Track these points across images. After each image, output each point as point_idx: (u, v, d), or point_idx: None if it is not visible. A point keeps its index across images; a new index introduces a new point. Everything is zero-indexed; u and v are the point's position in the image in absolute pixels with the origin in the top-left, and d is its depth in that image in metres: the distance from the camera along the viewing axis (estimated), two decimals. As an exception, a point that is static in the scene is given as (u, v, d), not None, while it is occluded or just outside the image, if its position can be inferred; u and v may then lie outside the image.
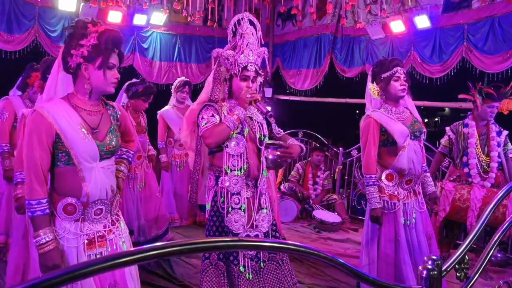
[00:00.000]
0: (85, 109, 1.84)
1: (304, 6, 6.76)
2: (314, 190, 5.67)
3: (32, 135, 1.74)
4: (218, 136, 2.26)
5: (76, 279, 0.73)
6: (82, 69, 1.79)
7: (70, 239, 1.80)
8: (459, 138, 3.67)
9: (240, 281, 2.26)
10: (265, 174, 2.43)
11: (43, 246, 1.72)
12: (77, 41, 1.77)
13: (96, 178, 1.81)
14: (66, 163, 1.80)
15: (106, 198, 1.88)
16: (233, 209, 2.31)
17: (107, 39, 1.77)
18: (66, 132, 1.75)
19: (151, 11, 6.16)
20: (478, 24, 4.89)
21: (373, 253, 2.81)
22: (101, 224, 1.88)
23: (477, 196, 3.46)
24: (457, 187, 3.60)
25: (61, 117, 1.76)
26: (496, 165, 3.56)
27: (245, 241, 0.95)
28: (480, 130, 3.63)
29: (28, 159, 1.74)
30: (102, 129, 1.88)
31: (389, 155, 2.78)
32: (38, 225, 1.73)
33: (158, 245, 0.84)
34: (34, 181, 1.73)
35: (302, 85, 6.88)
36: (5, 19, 5.35)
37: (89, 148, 1.79)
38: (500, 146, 3.61)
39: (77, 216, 1.82)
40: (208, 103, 2.38)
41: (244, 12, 2.48)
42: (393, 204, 2.74)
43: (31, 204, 1.73)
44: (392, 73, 2.74)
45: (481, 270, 1.18)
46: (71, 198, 1.80)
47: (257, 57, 2.38)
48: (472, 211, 3.45)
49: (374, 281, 1.05)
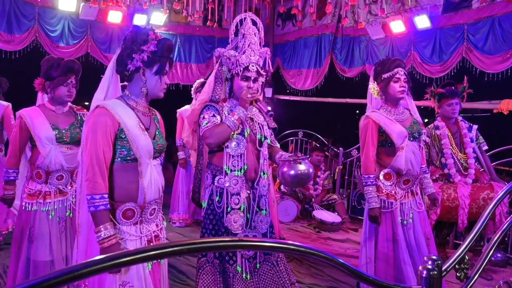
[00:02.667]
0: (139, 110, 1.92)
1: (304, 6, 6.76)
2: (314, 190, 5.67)
3: (97, 130, 1.78)
4: (219, 136, 2.27)
5: (76, 279, 0.73)
6: (140, 73, 1.87)
7: (132, 241, 1.83)
8: (433, 141, 3.75)
9: (235, 281, 2.26)
10: (265, 175, 2.42)
11: (105, 241, 1.73)
12: (139, 46, 1.85)
13: (151, 175, 1.87)
14: (123, 159, 1.84)
15: (158, 197, 1.94)
16: (233, 209, 2.31)
17: (165, 47, 1.87)
18: (129, 126, 1.82)
19: (151, 11, 6.17)
20: (478, 24, 4.89)
21: (370, 252, 2.82)
22: (154, 223, 1.94)
23: (464, 194, 3.53)
24: (443, 187, 3.64)
25: (123, 113, 1.84)
26: (473, 161, 3.64)
27: (245, 241, 0.95)
28: (452, 128, 3.73)
29: (92, 152, 1.77)
30: (152, 130, 1.96)
31: (387, 155, 2.79)
32: (99, 220, 1.75)
33: (158, 245, 0.84)
34: (98, 175, 1.76)
35: (303, 85, 6.88)
36: (5, 19, 5.35)
37: (148, 143, 1.85)
38: (473, 141, 3.68)
39: (136, 219, 1.86)
40: (209, 103, 2.39)
41: (246, 12, 2.49)
42: (390, 203, 2.75)
43: (94, 199, 1.74)
44: (392, 74, 2.74)
45: (481, 270, 1.18)
46: (129, 203, 1.84)
47: (259, 57, 2.38)
48: (462, 209, 3.51)
49: (374, 281, 1.05)
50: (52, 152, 2.66)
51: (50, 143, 2.66)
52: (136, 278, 1.79)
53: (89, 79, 3.18)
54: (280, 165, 2.35)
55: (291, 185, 2.44)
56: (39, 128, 2.64)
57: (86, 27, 5.98)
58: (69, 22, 5.85)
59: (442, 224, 3.81)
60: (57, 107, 2.75)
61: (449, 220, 3.67)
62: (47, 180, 2.70)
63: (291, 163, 2.28)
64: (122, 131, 1.81)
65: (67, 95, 2.71)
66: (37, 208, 2.67)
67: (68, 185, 2.77)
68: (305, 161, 2.30)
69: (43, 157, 2.66)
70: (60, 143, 2.69)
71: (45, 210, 2.68)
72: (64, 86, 2.69)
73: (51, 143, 2.66)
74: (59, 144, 2.69)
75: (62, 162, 2.69)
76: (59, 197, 2.73)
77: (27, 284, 0.68)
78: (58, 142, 2.68)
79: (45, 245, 2.66)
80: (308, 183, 3.57)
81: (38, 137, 2.64)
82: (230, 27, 2.45)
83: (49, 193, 2.70)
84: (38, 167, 2.69)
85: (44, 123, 2.67)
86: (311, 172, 2.31)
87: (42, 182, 2.70)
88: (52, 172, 2.70)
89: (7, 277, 2.82)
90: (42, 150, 2.64)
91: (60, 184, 2.73)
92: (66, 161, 2.71)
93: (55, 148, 2.67)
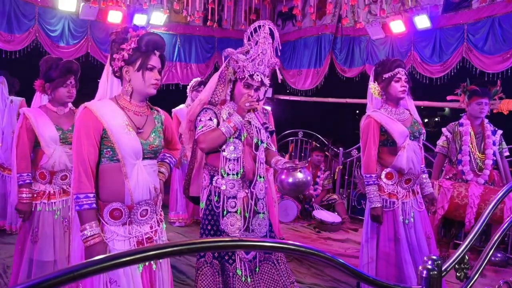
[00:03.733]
0: (131, 109, 1.91)
1: (304, 6, 6.76)
2: (314, 190, 5.67)
3: (81, 130, 1.80)
4: (213, 142, 2.27)
5: (76, 279, 0.73)
6: (123, 72, 1.87)
7: (119, 241, 1.83)
8: (455, 137, 3.73)
9: (235, 280, 2.26)
10: (262, 179, 2.41)
11: (89, 239, 1.74)
12: (118, 45, 1.86)
13: (138, 176, 1.85)
14: (110, 159, 1.83)
15: (150, 198, 1.91)
16: (229, 212, 2.30)
17: (147, 42, 1.84)
18: (112, 126, 1.81)
19: (151, 11, 6.17)
20: (478, 24, 4.90)
21: (372, 252, 2.82)
22: (147, 225, 1.92)
23: (475, 193, 3.50)
24: (455, 184, 3.63)
25: (107, 113, 1.83)
26: (490, 162, 3.61)
27: (245, 241, 0.95)
28: (476, 129, 3.70)
29: (77, 153, 1.79)
30: (146, 130, 1.93)
31: (389, 155, 2.79)
32: (84, 218, 1.76)
33: (158, 245, 0.84)
34: (83, 174, 1.77)
35: (303, 85, 6.88)
36: (5, 19, 5.35)
37: (133, 144, 1.84)
38: (496, 145, 3.66)
39: (124, 219, 1.85)
40: (208, 106, 2.38)
41: (266, 20, 2.44)
42: (391, 202, 2.76)
43: (79, 198, 1.76)
44: (393, 74, 2.75)
45: (481, 270, 1.18)
46: (116, 203, 1.83)
47: (267, 67, 2.35)
48: (470, 208, 3.48)
49: (374, 281, 1.05)
50: (57, 152, 2.66)
51: (55, 143, 2.66)
52: (123, 277, 1.78)
53: (89, 79, 3.17)
54: (279, 172, 2.36)
55: (289, 193, 2.45)
56: (44, 128, 2.64)
57: (86, 27, 5.98)
58: (69, 22, 5.85)
59: (451, 224, 3.81)
60: (58, 108, 2.75)
61: (455, 218, 3.67)
62: (51, 180, 2.70)
63: (289, 171, 2.29)
64: (106, 132, 1.81)
65: (67, 96, 2.71)
66: (41, 208, 2.67)
67: None
68: (303, 169, 2.31)
69: (47, 157, 2.65)
70: (64, 143, 2.69)
71: (49, 210, 2.68)
72: (64, 87, 2.69)
73: (55, 143, 2.66)
74: (63, 145, 2.69)
75: (66, 162, 2.69)
76: (63, 196, 2.74)
77: (27, 284, 0.68)
78: (62, 143, 2.69)
79: (48, 245, 2.66)
80: (306, 191, 3.58)
81: (42, 137, 2.63)
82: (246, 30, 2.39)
83: (54, 193, 2.71)
84: (41, 167, 2.68)
85: (48, 123, 2.67)
86: (309, 180, 2.34)
87: (46, 183, 2.70)
88: (56, 172, 2.70)
89: (11, 276, 2.82)
90: (46, 150, 2.64)
91: (64, 184, 2.73)
92: (70, 161, 2.71)
93: (59, 149, 2.67)
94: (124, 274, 1.79)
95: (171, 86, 6.74)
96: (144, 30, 1.88)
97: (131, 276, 1.80)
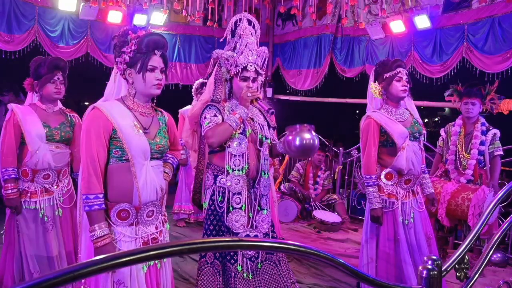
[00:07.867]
0: (137, 110, 1.92)
1: (304, 6, 6.76)
2: (314, 190, 5.68)
3: (91, 130, 1.80)
4: (221, 135, 2.26)
5: (76, 279, 0.73)
6: (127, 75, 1.89)
7: (126, 242, 1.83)
8: (448, 137, 3.86)
9: (236, 280, 2.26)
10: (266, 175, 2.43)
11: (99, 240, 1.75)
12: (119, 49, 1.87)
13: (146, 176, 1.85)
14: (119, 158, 1.84)
15: (156, 199, 1.92)
16: (234, 208, 2.31)
17: (147, 43, 1.84)
18: (122, 126, 1.82)
19: (151, 11, 6.16)
20: (478, 24, 4.90)
21: (372, 252, 2.82)
22: (153, 225, 1.93)
23: (447, 190, 3.62)
24: (435, 181, 3.70)
25: (117, 113, 1.84)
26: (473, 162, 3.67)
27: (245, 241, 0.95)
28: (468, 128, 3.77)
29: (86, 153, 1.79)
30: (152, 130, 1.95)
31: (388, 155, 2.79)
32: (94, 219, 1.76)
33: (158, 245, 0.84)
34: (93, 175, 1.77)
35: (302, 85, 6.88)
36: (5, 19, 5.35)
37: (142, 143, 1.84)
38: (485, 145, 3.68)
39: (131, 220, 1.86)
40: (211, 103, 2.39)
41: (242, 13, 2.49)
42: (391, 203, 2.76)
43: (89, 199, 1.76)
44: (394, 73, 2.75)
45: (481, 270, 1.18)
46: (124, 204, 1.84)
47: (257, 56, 2.38)
48: (440, 204, 3.59)
49: (374, 281, 1.05)
50: (41, 150, 2.67)
51: (40, 140, 2.67)
52: (129, 277, 1.79)
53: (89, 79, 3.19)
54: (286, 134, 2.31)
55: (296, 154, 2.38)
56: (30, 124, 2.65)
57: (86, 27, 5.97)
58: (69, 22, 5.85)
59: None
60: (47, 105, 2.77)
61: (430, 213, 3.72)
62: (33, 178, 2.71)
63: (297, 131, 2.25)
64: (116, 132, 1.82)
65: (55, 92, 2.73)
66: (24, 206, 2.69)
67: (54, 184, 2.78)
68: (311, 131, 2.26)
69: (31, 154, 2.66)
70: (50, 141, 2.71)
71: (29, 208, 2.69)
72: (51, 83, 2.72)
73: (40, 140, 2.67)
74: (48, 143, 2.70)
75: (50, 161, 2.70)
76: (45, 196, 2.74)
77: (27, 284, 0.68)
78: (48, 140, 2.70)
79: (31, 243, 2.68)
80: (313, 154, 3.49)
81: (28, 133, 2.64)
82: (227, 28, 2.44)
83: (35, 191, 2.71)
84: (25, 165, 2.69)
85: (35, 120, 2.68)
86: (316, 143, 2.26)
87: (28, 181, 2.71)
88: (39, 170, 2.71)
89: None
90: (30, 146, 2.64)
91: (46, 183, 2.74)
92: (54, 160, 2.72)
93: (44, 146, 2.68)
94: (130, 275, 1.79)
95: (171, 86, 6.73)
96: (144, 30, 1.88)
97: (136, 277, 1.81)
